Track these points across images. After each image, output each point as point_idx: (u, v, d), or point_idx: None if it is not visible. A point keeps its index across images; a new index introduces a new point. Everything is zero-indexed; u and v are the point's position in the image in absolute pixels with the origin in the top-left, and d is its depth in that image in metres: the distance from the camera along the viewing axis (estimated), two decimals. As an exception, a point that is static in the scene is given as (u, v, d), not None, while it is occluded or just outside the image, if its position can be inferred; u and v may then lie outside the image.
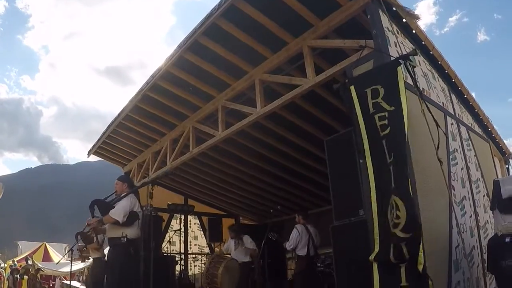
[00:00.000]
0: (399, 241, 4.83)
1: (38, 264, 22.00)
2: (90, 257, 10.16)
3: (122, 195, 7.74)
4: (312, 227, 10.06)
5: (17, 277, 20.72)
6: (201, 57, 8.41)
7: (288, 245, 9.90)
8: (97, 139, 13.24)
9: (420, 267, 4.61)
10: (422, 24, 7.17)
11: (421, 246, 4.63)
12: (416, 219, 4.78)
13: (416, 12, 6.89)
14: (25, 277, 20.62)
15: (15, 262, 23.43)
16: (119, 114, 11.24)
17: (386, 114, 5.39)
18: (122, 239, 7.27)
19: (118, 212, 7.38)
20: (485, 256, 7.55)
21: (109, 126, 12.03)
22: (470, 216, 7.62)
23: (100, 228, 7.90)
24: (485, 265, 7.38)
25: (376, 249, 5.14)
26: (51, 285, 21.61)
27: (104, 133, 12.48)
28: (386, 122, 5.37)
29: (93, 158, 15.17)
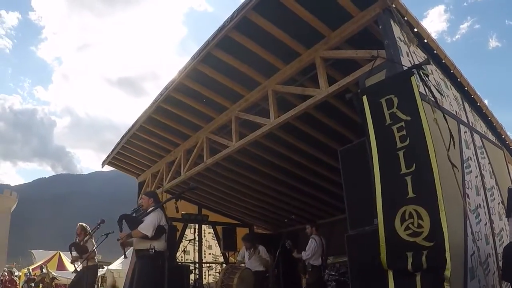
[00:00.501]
0: (420, 249, 4.83)
1: (53, 273, 22.09)
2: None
3: (149, 210, 7.89)
4: (322, 238, 10.14)
5: (32, 285, 20.83)
6: (214, 69, 8.48)
7: (306, 255, 9.93)
8: (111, 150, 13.33)
9: (448, 273, 4.61)
10: (433, 31, 7.18)
11: (447, 254, 4.63)
12: (440, 228, 4.78)
13: (428, 20, 6.91)
14: (41, 285, 20.72)
15: (30, 271, 23.56)
16: (133, 125, 11.31)
17: (403, 124, 5.41)
18: (150, 250, 7.45)
19: (147, 227, 7.54)
20: (500, 264, 7.53)
21: (123, 137, 12.12)
22: (485, 224, 7.59)
23: (127, 242, 8.04)
24: (501, 272, 7.36)
25: (383, 255, 5.15)
26: (66, 293, 21.66)
27: (118, 144, 12.57)
28: (404, 132, 5.38)
29: (107, 168, 15.30)
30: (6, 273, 21.02)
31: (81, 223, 10.12)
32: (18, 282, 22.62)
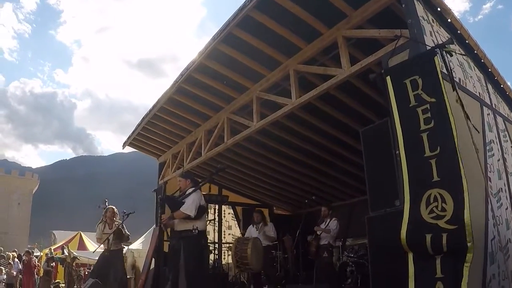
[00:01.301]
0: (440, 232, 4.80)
1: (74, 253, 22.29)
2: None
3: (188, 191, 8.09)
4: None
5: (52, 265, 21.02)
6: (235, 49, 8.43)
7: (334, 233, 10.00)
8: (132, 131, 13.38)
9: (470, 257, 4.59)
10: (456, 11, 7.06)
11: (469, 237, 4.59)
12: (462, 212, 4.74)
13: (450, 0, 6.80)
14: (63, 265, 20.89)
15: (52, 251, 23.77)
16: (154, 106, 11.33)
17: (428, 106, 5.35)
18: (193, 231, 7.72)
19: (190, 207, 7.76)
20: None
21: (144, 118, 12.15)
22: (506, 208, 7.50)
23: (169, 223, 8.24)
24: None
25: (404, 231, 5.13)
26: (86, 272, 21.83)
27: (139, 125, 12.60)
28: (429, 114, 5.32)
29: (127, 149, 15.38)
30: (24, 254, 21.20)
31: (112, 206, 10.44)
32: (37, 262, 22.76)
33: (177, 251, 8.04)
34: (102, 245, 9.86)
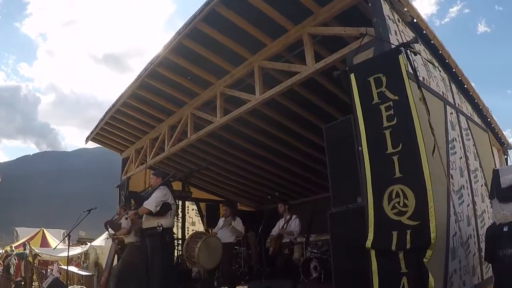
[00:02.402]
0: (404, 228, 4.87)
1: (35, 250, 21.99)
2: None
3: (154, 188, 8.17)
4: None
5: (13, 262, 20.70)
6: (200, 44, 8.37)
7: (297, 234, 10.02)
8: (95, 125, 13.20)
9: (430, 253, 4.64)
10: (423, 14, 7.16)
11: (432, 234, 4.64)
12: (426, 208, 4.79)
13: (417, 2, 6.88)
14: (22, 262, 20.60)
15: (13, 248, 23.42)
16: (117, 101, 11.18)
17: (391, 103, 5.40)
18: (158, 228, 7.72)
19: (151, 203, 7.81)
20: (481, 245, 7.59)
21: (107, 113, 11.99)
22: (468, 205, 7.65)
23: (137, 220, 8.39)
24: (482, 254, 7.42)
25: (371, 236, 5.17)
26: (48, 270, 21.56)
27: (102, 120, 12.44)
28: (392, 112, 5.38)
29: (91, 144, 15.16)
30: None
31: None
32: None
33: (143, 248, 8.15)
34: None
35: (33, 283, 19.67)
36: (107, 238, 10.51)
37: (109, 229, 9.57)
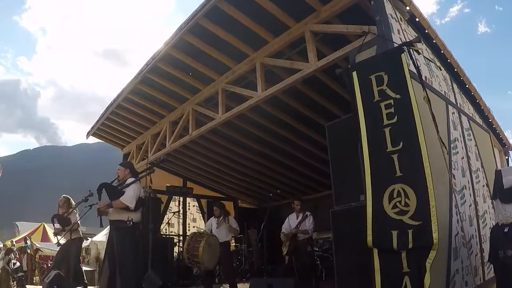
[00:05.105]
0: (405, 228, 4.84)
1: (36, 244, 21.96)
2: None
3: (128, 181, 7.83)
4: None
5: (11, 257, 20.65)
6: (202, 40, 8.33)
7: (311, 232, 9.94)
8: (96, 121, 13.16)
9: (434, 253, 4.62)
10: (423, 13, 7.14)
11: (435, 234, 4.61)
12: (428, 208, 4.76)
13: (417, 1, 6.84)
14: (25, 256, 20.57)
15: (14, 243, 23.41)
16: (118, 96, 11.14)
17: (392, 102, 5.37)
18: (128, 222, 7.49)
19: (131, 199, 7.55)
20: (483, 246, 7.57)
21: (108, 107, 11.94)
22: (470, 205, 7.62)
23: (105, 211, 7.91)
24: (483, 254, 7.40)
25: (369, 235, 5.13)
26: (49, 265, 21.52)
27: (103, 115, 12.39)
28: (392, 110, 5.34)
29: (92, 140, 15.13)
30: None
31: (64, 195, 10.01)
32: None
33: (112, 242, 7.94)
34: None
35: (34, 278, 19.62)
36: (53, 233, 10.17)
37: (56, 224, 9.25)
